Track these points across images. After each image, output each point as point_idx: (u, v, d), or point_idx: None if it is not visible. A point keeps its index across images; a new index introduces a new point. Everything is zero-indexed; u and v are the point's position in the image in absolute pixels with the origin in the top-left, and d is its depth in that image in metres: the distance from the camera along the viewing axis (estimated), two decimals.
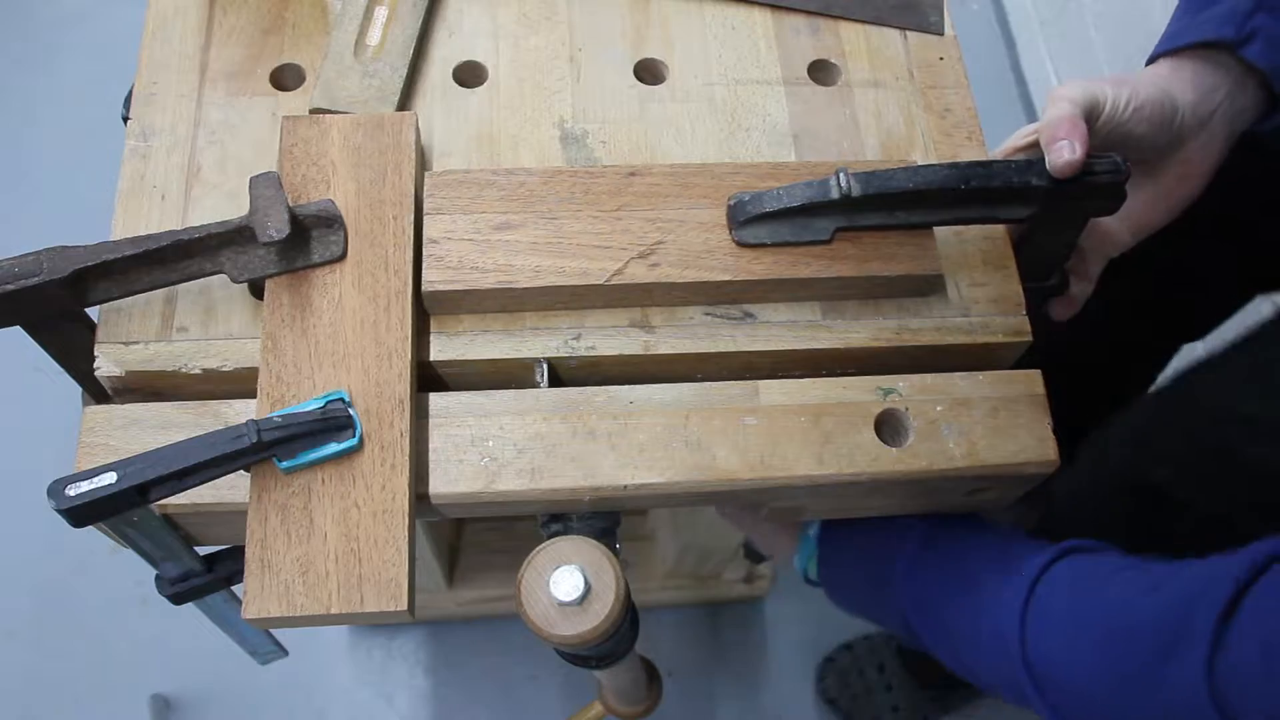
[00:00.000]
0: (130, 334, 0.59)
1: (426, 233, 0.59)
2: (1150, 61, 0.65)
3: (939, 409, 0.60)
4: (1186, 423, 0.85)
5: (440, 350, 0.59)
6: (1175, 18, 0.65)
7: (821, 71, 0.72)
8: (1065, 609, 0.59)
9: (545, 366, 0.60)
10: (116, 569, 1.15)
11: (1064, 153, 0.56)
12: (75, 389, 0.62)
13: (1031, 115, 1.64)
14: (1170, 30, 0.65)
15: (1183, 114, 0.62)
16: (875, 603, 0.71)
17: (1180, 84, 0.62)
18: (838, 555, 0.72)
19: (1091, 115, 0.59)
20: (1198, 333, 1.06)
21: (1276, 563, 0.50)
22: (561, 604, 0.52)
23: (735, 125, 0.69)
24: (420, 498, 0.56)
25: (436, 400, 0.58)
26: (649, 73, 0.72)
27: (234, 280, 0.57)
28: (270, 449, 0.52)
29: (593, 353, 0.60)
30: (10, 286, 0.52)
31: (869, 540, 0.70)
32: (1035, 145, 0.62)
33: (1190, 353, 1.09)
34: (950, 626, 0.65)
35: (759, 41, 0.72)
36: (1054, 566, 0.61)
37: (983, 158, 0.69)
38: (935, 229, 0.62)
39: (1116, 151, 0.59)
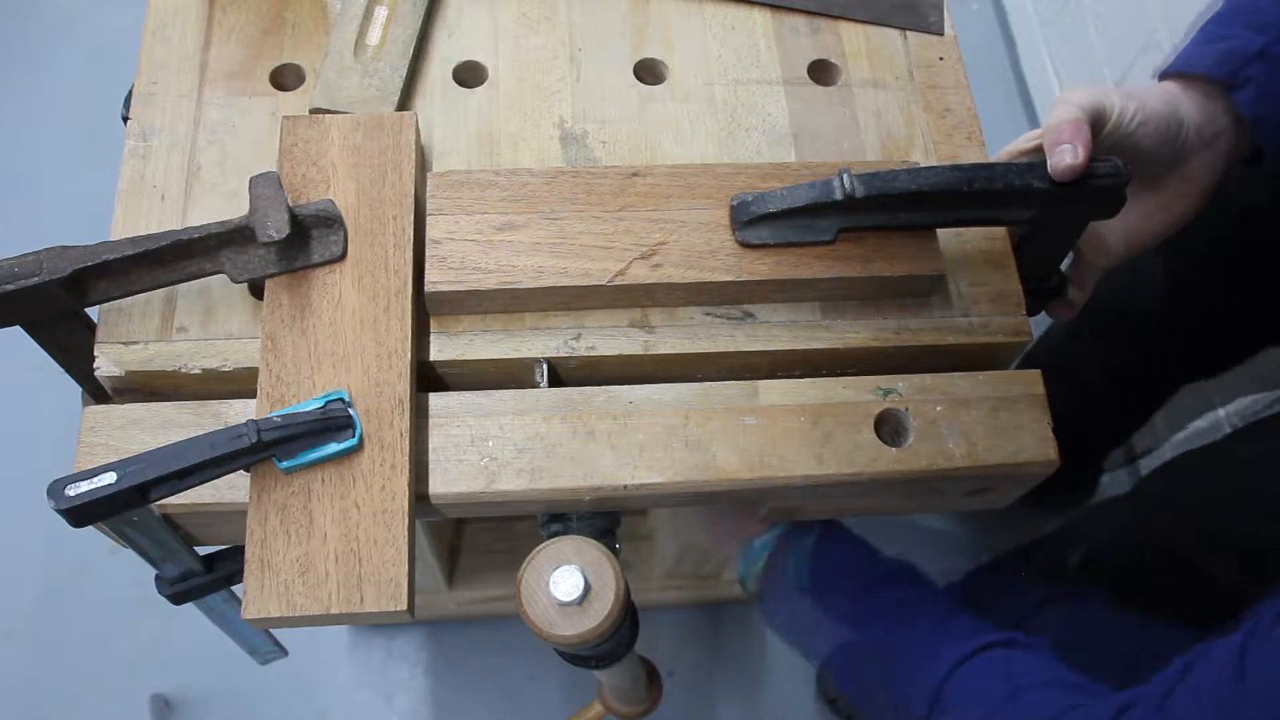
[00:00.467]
0: (130, 334, 0.59)
1: (429, 233, 0.59)
2: (1161, 78, 0.65)
3: (939, 409, 0.60)
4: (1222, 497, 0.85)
5: (440, 350, 0.59)
6: (1191, 40, 0.65)
7: (821, 71, 0.72)
8: (971, 713, 0.60)
9: (545, 366, 0.60)
10: (116, 569, 1.14)
11: (1066, 156, 0.56)
12: (75, 389, 0.62)
13: (1031, 115, 1.64)
14: (1181, 53, 0.65)
15: (1188, 132, 0.62)
16: (802, 641, 0.73)
17: (1188, 104, 0.63)
18: (778, 588, 0.73)
19: (1098, 123, 0.59)
20: (1207, 371, 1.05)
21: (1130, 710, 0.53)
22: (561, 604, 0.52)
23: (735, 125, 0.69)
24: (420, 498, 0.56)
25: (436, 400, 0.58)
26: (649, 73, 0.71)
27: (234, 280, 0.57)
28: (270, 449, 0.52)
29: (593, 353, 0.60)
30: (10, 286, 0.52)
31: (812, 580, 0.71)
32: (1039, 149, 0.62)
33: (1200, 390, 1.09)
34: (866, 693, 0.67)
35: (759, 41, 0.72)
36: (971, 660, 0.62)
37: (983, 158, 0.69)
38: (936, 229, 0.62)
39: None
